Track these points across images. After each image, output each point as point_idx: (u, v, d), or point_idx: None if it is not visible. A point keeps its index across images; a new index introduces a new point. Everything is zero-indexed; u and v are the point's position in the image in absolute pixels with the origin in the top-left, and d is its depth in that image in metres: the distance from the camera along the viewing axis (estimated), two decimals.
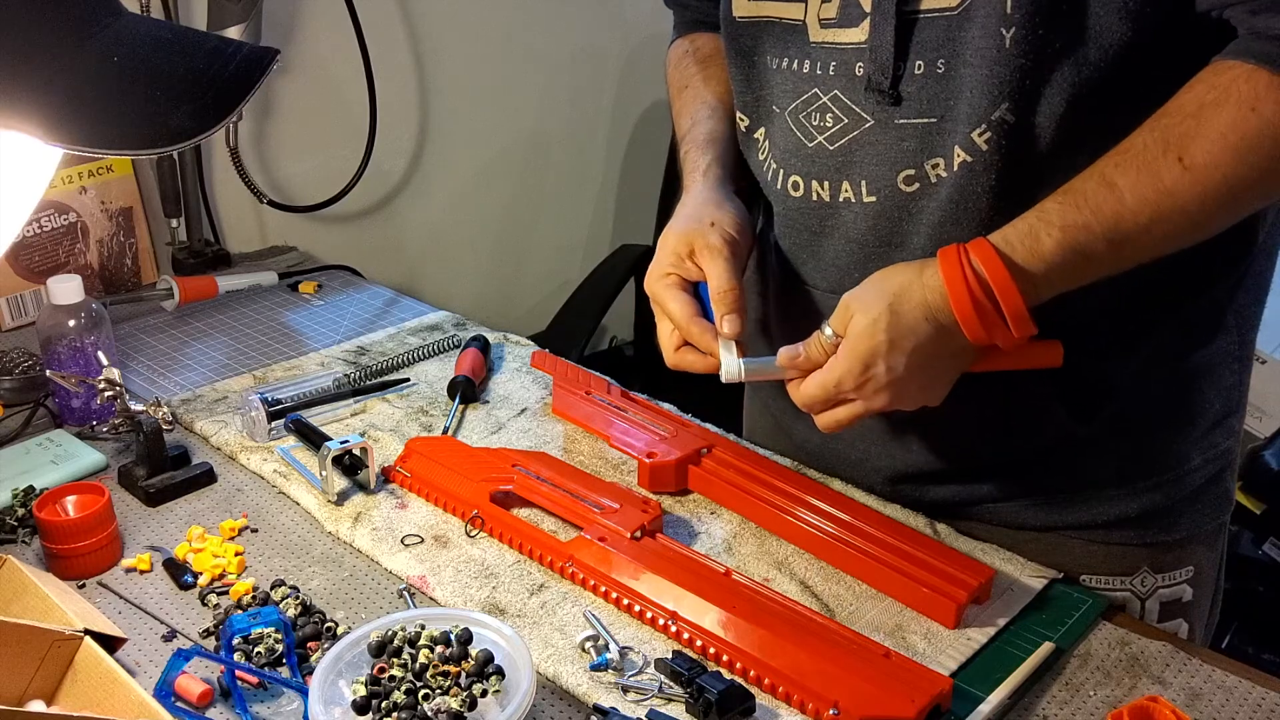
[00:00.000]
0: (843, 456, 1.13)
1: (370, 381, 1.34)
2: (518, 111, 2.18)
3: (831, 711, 0.83)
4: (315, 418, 1.25)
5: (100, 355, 1.22)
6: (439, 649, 0.80)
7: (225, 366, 1.42)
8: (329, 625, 0.94)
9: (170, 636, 0.94)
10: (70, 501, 1.03)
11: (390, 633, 0.81)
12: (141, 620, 0.96)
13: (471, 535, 1.06)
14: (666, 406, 1.27)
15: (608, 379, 1.31)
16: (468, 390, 1.31)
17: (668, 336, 1.01)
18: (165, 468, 1.14)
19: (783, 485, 1.08)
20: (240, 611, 0.92)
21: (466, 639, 0.81)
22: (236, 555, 1.03)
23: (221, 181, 1.79)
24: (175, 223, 1.72)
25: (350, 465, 1.13)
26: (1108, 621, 0.96)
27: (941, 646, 0.92)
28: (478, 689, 0.78)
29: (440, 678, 0.78)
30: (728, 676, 0.87)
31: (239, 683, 0.87)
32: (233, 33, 1.54)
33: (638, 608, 0.95)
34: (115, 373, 1.17)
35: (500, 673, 0.79)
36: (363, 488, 1.13)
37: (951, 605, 0.93)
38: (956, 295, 0.86)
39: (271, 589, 0.98)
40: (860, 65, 0.94)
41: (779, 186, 1.04)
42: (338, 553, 1.06)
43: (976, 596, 0.95)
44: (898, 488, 1.11)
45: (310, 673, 0.83)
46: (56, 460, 1.17)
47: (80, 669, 0.83)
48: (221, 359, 1.44)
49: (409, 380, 1.36)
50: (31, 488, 1.11)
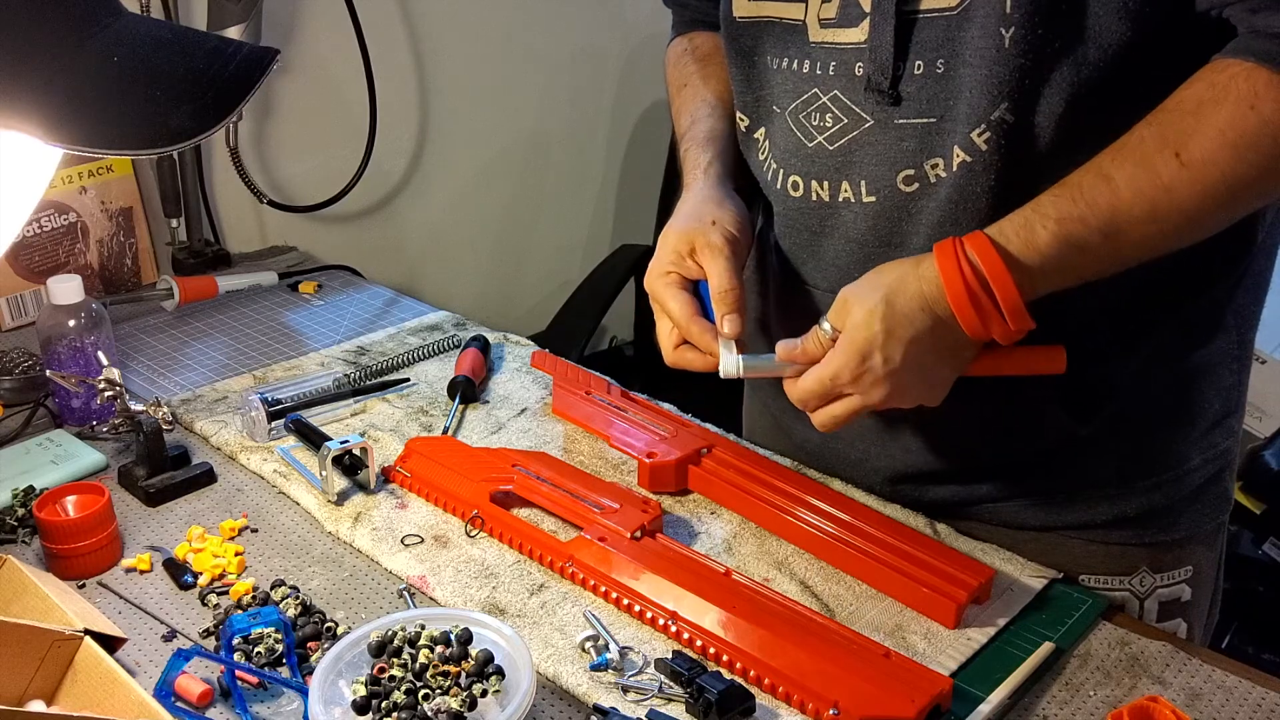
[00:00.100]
0: (843, 456, 1.13)
1: (370, 381, 1.34)
2: (518, 111, 2.18)
3: (831, 711, 0.83)
4: (315, 418, 1.25)
5: (100, 355, 1.22)
6: (439, 649, 0.80)
7: (225, 366, 1.42)
8: (329, 625, 0.94)
9: (170, 636, 0.94)
10: (70, 501, 1.03)
11: (390, 633, 0.81)
12: (141, 620, 0.96)
13: (471, 535, 1.06)
14: (666, 406, 1.27)
15: (608, 379, 1.31)
16: (468, 390, 1.31)
17: (667, 335, 1.01)
18: (165, 468, 1.14)
19: (783, 485, 1.08)
20: (240, 611, 0.92)
21: (466, 639, 0.81)
22: (236, 555, 1.03)
23: (221, 181, 1.79)
24: (175, 223, 1.72)
25: (350, 465, 1.13)
26: (1108, 621, 0.96)
27: (941, 646, 0.92)
28: (478, 689, 0.78)
29: (440, 678, 0.78)
30: (728, 676, 0.87)
31: (239, 683, 0.87)
32: (233, 33, 1.54)
33: (638, 608, 0.95)
34: (115, 373, 1.17)
35: (500, 673, 0.79)
36: (363, 488, 1.13)
37: (951, 605, 0.93)
38: (952, 286, 0.86)
39: (271, 589, 0.98)
40: (860, 65, 0.94)
41: (779, 186, 1.04)
42: (338, 553, 1.06)
43: (976, 596, 0.95)
44: (898, 488, 1.11)
45: (310, 673, 0.83)
46: (56, 460, 1.17)
47: (80, 669, 0.83)
48: (221, 359, 1.44)
49: (409, 380, 1.36)
50: (31, 488, 1.11)
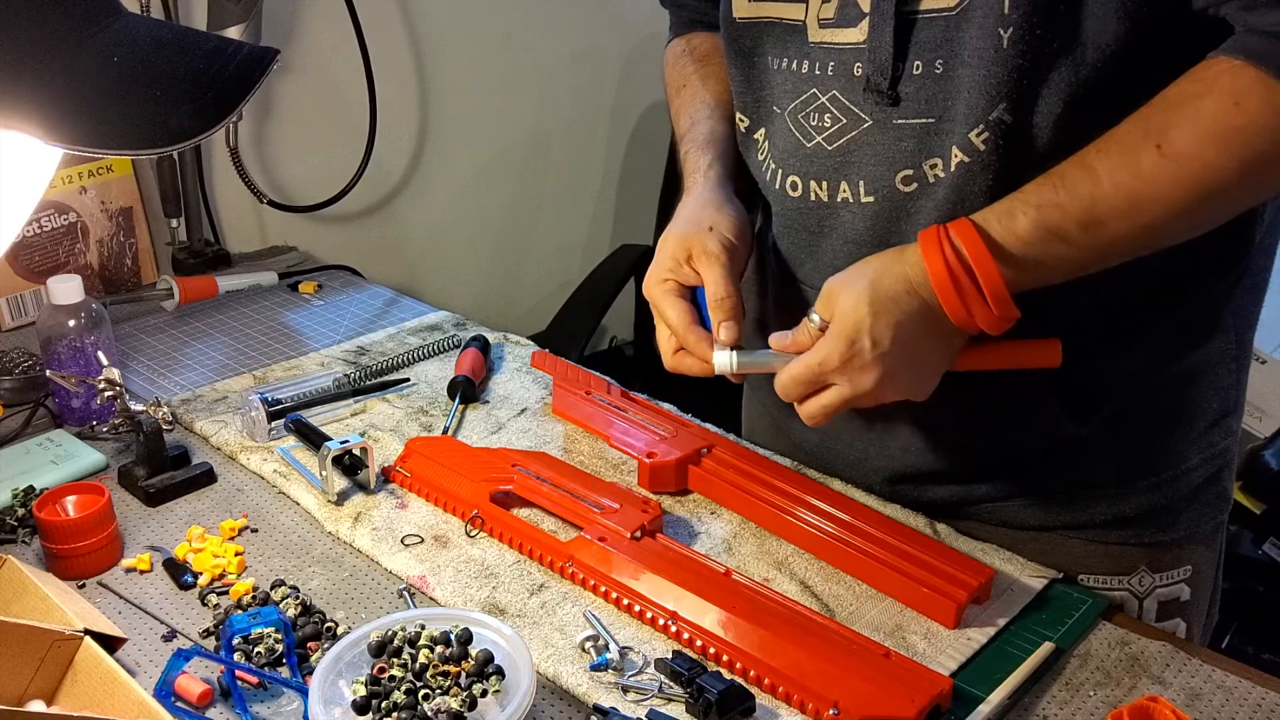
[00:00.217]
0: (842, 456, 1.13)
1: (370, 381, 1.34)
2: (518, 111, 2.18)
3: (831, 711, 0.83)
4: (315, 418, 1.25)
5: (100, 355, 1.22)
6: (439, 649, 0.80)
7: (225, 366, 1.42)
8: (329, 625, 0.94)
9: (170, 636, 0.94)
10: (70, 501, 1.03)
11: (390, 633, 0.81)
12: (141, 620, 0.96)
13: (471, 535, 1.06)
14: (666, 406, 1.27)
15: (608, 379, 1.31)
16: (468, 390, 1.31)
17: (666, 340, 1.02)
18: (165, 468, 1.14)
19: (782, 485, 1.09)
20: (240, 611, 0.92)
21: (466, 639, 0.81)
22: (236, 555, 1.03)
23: (221, 181, 1.79)
24: (175, 223, 1.72)
25: (350, 465, 1.13)
26: (1108, 621, 0.96)
27: (941, 646, 0.92)
28: (478, 689, 0.78)
29: (440, 678, 0.78)
30: (728, 676, 0.87)
31: (239, 683, 0.87)
32: (233, 33, 1.54)
33: (638, 608, 0.95)
34: (115, 373, 1.17)
35: (500, 673, 0.79)
36: (363, 488, 1.13)
37: (951, 605, 0.93)
38: (934, 267, 0.87)
39: (271, 589, 0.98)
40: (859, 65, 0.94)
41: (777, 187, 1.04)
42: (338, 553, 1.06)
43: (976, 596, 0.95)
44: (897, 488, 1.11)
45: (310, 673, 0.83)
46: (56, 460, 1.17)
47: (80, 669, 0.83)
48: (221, 359, 1.44)
49: (409, 380, 1.36)
50: (31, 488, 1.12)
